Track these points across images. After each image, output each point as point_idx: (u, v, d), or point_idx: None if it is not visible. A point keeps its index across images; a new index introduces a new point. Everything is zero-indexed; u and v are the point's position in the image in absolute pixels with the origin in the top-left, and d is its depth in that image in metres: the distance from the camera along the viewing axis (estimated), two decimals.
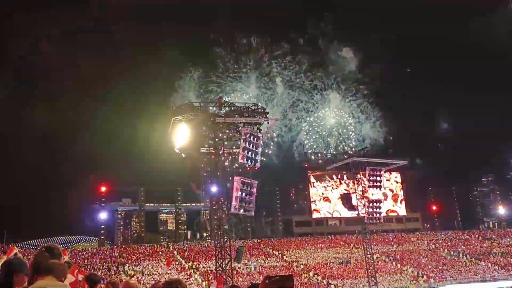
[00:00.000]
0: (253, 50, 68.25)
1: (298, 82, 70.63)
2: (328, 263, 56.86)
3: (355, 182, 49.18)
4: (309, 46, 72.07)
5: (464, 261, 59.89)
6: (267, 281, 3.05)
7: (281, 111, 68.14)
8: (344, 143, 69.69)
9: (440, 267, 57.28)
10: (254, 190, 33.63)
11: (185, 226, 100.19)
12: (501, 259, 60.29)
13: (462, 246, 65.35)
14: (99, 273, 44.07)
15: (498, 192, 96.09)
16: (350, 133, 71.32)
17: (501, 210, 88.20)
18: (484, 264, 58.71)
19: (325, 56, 73.28)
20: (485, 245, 66.45)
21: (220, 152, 35.31)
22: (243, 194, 33.06)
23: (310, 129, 70.55)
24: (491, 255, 61.74)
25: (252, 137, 33.56)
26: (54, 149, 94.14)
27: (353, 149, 57.62)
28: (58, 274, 3.61)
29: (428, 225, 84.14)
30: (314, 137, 70.43)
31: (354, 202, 49.02)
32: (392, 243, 66.06)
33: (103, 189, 70.21)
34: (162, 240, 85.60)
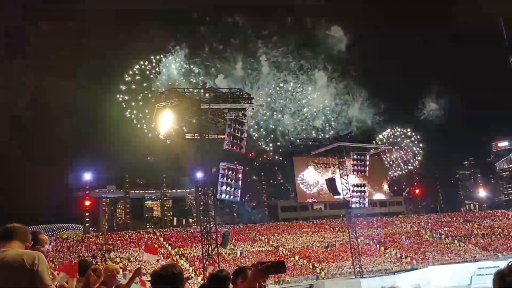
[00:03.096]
0: (238, 29, 66.95)
1: (285, 62, 69.55)
2: (314, 247, 57.54)
3: (340, 167, 49.60)
4: (296, 25, 70.83)
5: (446, 242, 61.17)
6: (259, 266, 3.00)
7: (266, 93, 67.38)
8: (330, 126, 69.19)
9: (422, 249, 58.43)
10: (240, 175, 33.72)
11: (171, 213, 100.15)
12: (481, 240, 61.71)
13: (444, 228, 66.66)
14: None
15: (479, 175, 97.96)
16: (336, 115, 70.71)
17: (482, 193, 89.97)
18: (465, 246, 60.07)
19: (312, 35, 72.10)
20: (466, 227, 67.87)
21: (205, 138, 35.19)
22: (229, 180, 33.11)
23: (296, 111, 70.00)
24: (472, 237, 63.15)
25: (237, 123, 33.50)
26: (35, 134, 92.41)
27: (339, 133, 57.52)
28: (22, 238, 3.58)
29: (411, 207, 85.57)
30: (299, 120, 69.90)
31: (338, 186, 49.49)
32: (376, 226, 67.04)
33: (87, 176, 69.59)
34: (148, 226, 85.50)
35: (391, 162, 76.08)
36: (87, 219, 67.07)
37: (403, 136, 72.38)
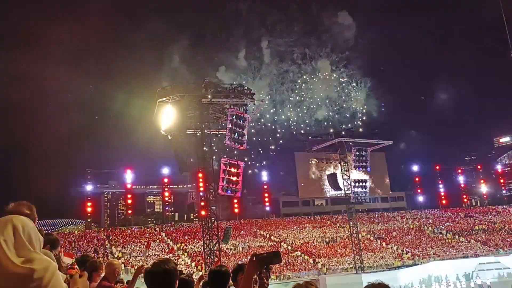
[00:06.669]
0: (242, 17, 65.89)
1: (288, 51, 68.13)
2: (315, 242, 57.59)
3: (341, 162, 49.57)
4: (302, 11, 69.28)
5: (447, 238, 61.16)
6: (254, 258, 3.00)
7: (268, 84, 66.31)
8: (332, 119, 68.23)
9: (424, 245, 58.44)
10: (241, 171, 33.72)
11: (172, 208, 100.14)
12: (483, 236, 61.70)
13: (445, 224, 66.64)
14: None
15: (480, 170, 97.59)
16: (339, 107, 69.71)
17: (484, 188, 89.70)
18: (466, 241, 60.06)
19: (318, 23, 70.70)
20: (467, 222, 67.85)
21: (207, 133, 35.17)
22: (230, 175, 33.12)
23: (298, 104, 69.05)
24: (473, 232, 63.12)
25: (238, 118, 33.50)
26: (35, 128, 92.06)
27: (341, 126, 57.02)
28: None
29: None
30: (301, 113, 69.05)
31: (340, 182, 49.48)
32: (377, 221, 67.06)
33: (89, 171, 69.73)
34: (149, 222, 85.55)
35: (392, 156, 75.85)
36: (89, 214, 67.14)
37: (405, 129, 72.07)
